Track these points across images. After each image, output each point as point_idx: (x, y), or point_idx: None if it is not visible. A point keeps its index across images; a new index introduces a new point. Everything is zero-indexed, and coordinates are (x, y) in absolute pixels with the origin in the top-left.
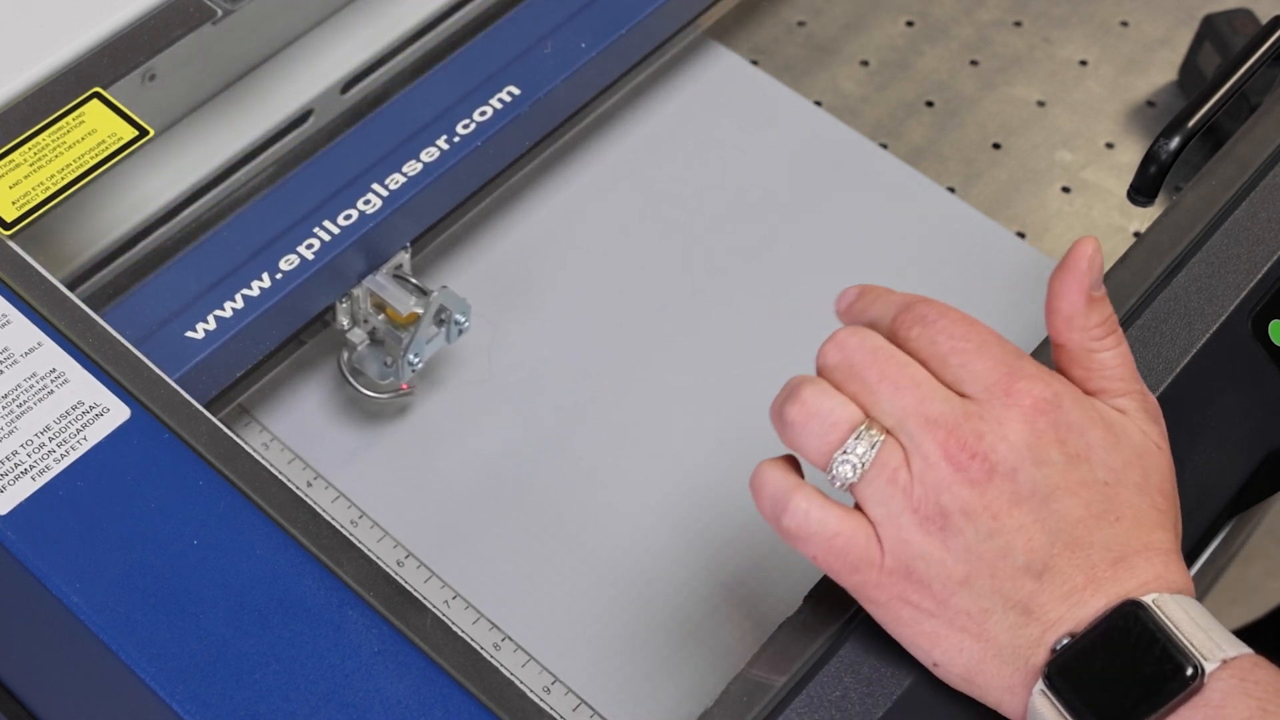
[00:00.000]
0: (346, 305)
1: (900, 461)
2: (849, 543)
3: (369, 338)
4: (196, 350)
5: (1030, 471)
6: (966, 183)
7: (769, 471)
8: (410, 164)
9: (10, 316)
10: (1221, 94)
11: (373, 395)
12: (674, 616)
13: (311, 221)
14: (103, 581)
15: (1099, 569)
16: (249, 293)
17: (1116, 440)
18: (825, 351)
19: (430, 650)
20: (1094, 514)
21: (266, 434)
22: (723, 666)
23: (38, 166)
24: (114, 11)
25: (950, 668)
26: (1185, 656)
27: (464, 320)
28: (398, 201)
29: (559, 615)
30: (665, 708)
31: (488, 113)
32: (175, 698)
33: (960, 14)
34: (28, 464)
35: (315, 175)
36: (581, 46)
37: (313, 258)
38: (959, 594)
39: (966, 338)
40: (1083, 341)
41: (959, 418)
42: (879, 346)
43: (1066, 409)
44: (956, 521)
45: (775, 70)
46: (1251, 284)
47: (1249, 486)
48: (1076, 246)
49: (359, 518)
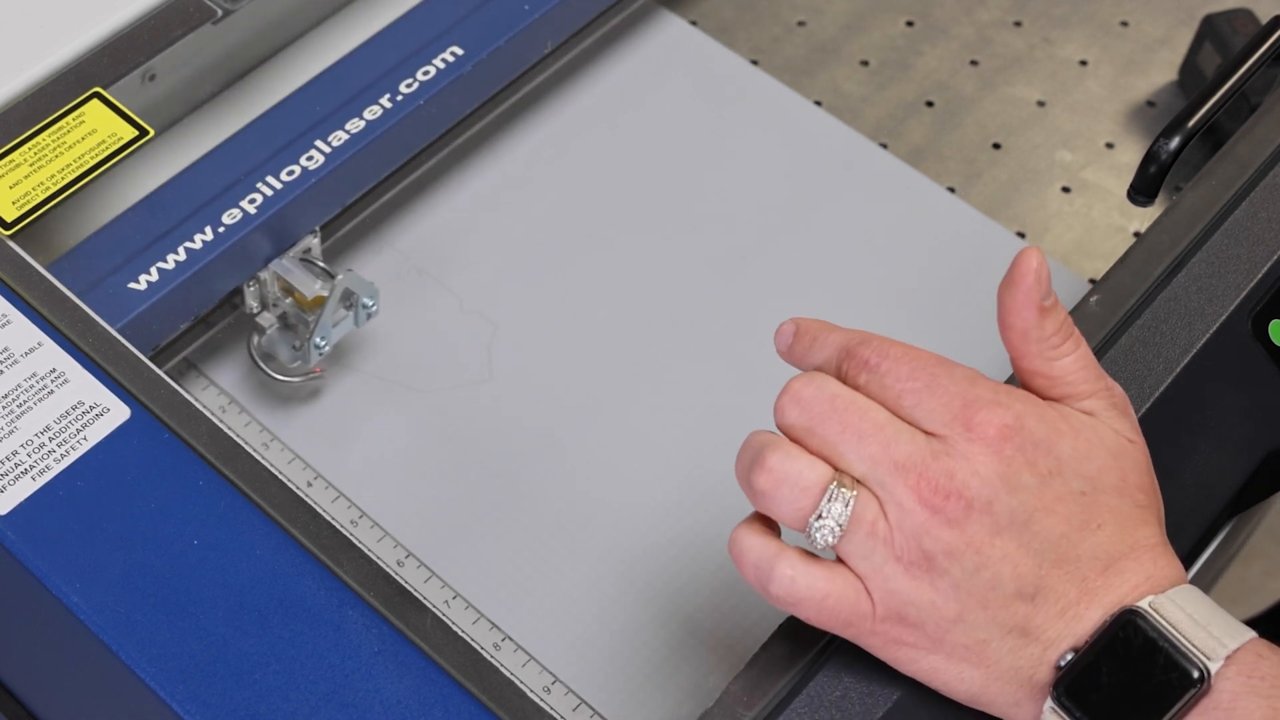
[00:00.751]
0: (255, 288)
1: (876, 513)
2: (839, 602)
3: (279, 322)
4: (138, 301)
5: (1006, 500)
6: (966, 183)
7: (747, 540)
8: (353, 121)
9: (10, 316)
10: (1221, 94)
11: (283, 379)
12: (674, 616)
13: (253, 177)
14: (103, 581)
15: (1090, 580)
16: (191, 245)
17: (1088, 446)
18: (784, 408)
19: (430, 650)
20: (1075, 527)
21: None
22: (723, 667)
23: (38, 166)
24: (114, 11)
25: (954, 694)
26: (1189, 660)
27: (372, 304)
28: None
29: (559, 615)
30: (665, 708)
31: (430, 72)
32: (175, 698)
33: (960, 14)
34: (28, 464)
35: (251, 135)
36: (525, 8)
37: (255, 212)
38: (954, 630)
39: (913, 376)
40: (1041, 352)
41: (927, 458)
42: (836, 394)
43: (1030, 429)
44: (941, 563)
45: (775, 70)
46: (1251, 284)
47: (1249, 486)
48: (1020, 260)
49: (359, 518)
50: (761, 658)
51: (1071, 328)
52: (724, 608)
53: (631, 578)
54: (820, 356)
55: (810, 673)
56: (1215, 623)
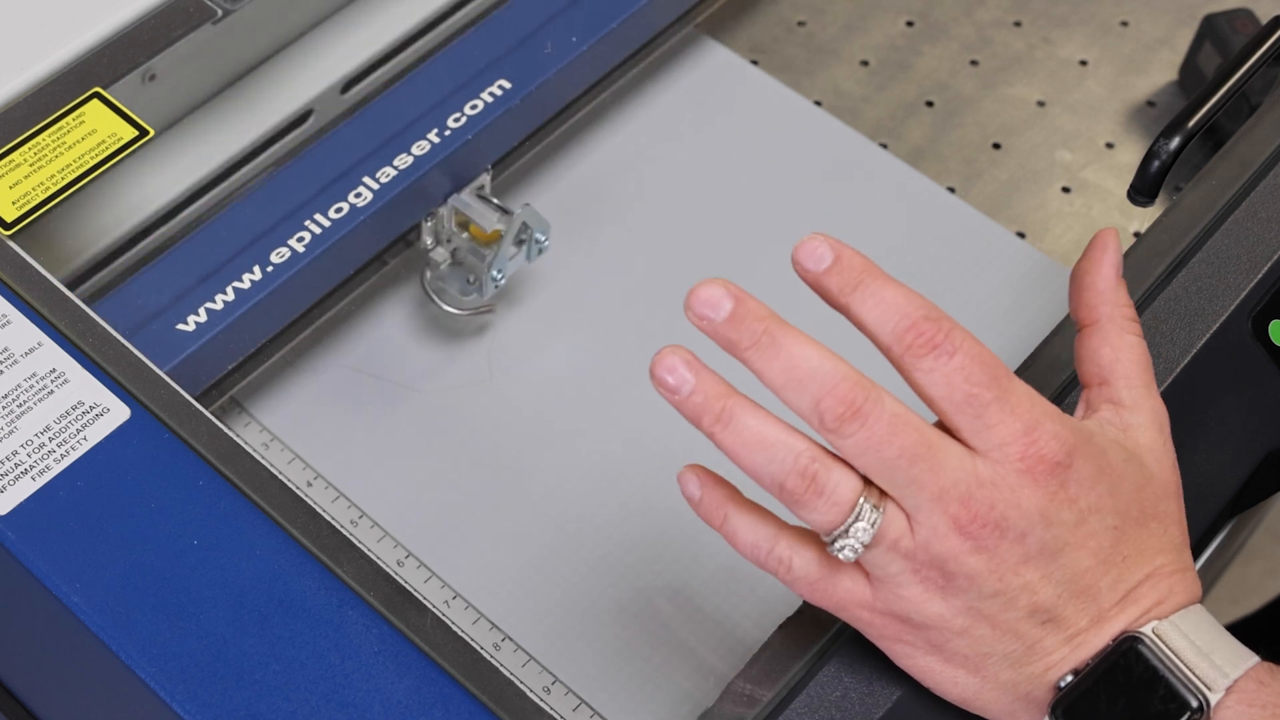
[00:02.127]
0: (431, 224)
1: (903, 529)
2: (832, 586)
3: (451, 257)
4: (188, 342)
5: (1040, 534)
6: (966, 183)
7: (741, 519)
8: (401, 157)
9: (10, 316)
10: (1221, 94)
11: (455, 312)
12: (675, 616)
13: (301, 215)
14: (103, 581)
15: (1105, 610)
16: (240, 285)
17: (1122, 477)
18: (839, 419)
19: (430, 650)
20: (1101, 560)
21: (265, 432)
22: (723, 667)
23: (38, 166)
24: (114, 11)
25: (946, 695)
26: (1189, 689)
27: (544, 239)
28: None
29: (559, 615)
30: (665, 708)
31: (479, 105)
32: (175, 698)
33: (960, 14)
34: (28, 464)
35: (302, 170)
36: (573, 40)
37: (303, 250)
38: (956, 641)
39: (987, 386)
40: (1113, 316)
41: (971, 487)
42: (895, 414)
43: (1078, 466)
44: (960, 584)
45: (775, 70)
46: (1251, 284)
47: (1249, 486)
48: (1101, 234)
49: (359, 518)
50: (761, 658)
51: (1138, 321)
52: (724, 608)
53: (632, 578)
54: (874, 312)
55: (810, 673)
56: (1219, 649)
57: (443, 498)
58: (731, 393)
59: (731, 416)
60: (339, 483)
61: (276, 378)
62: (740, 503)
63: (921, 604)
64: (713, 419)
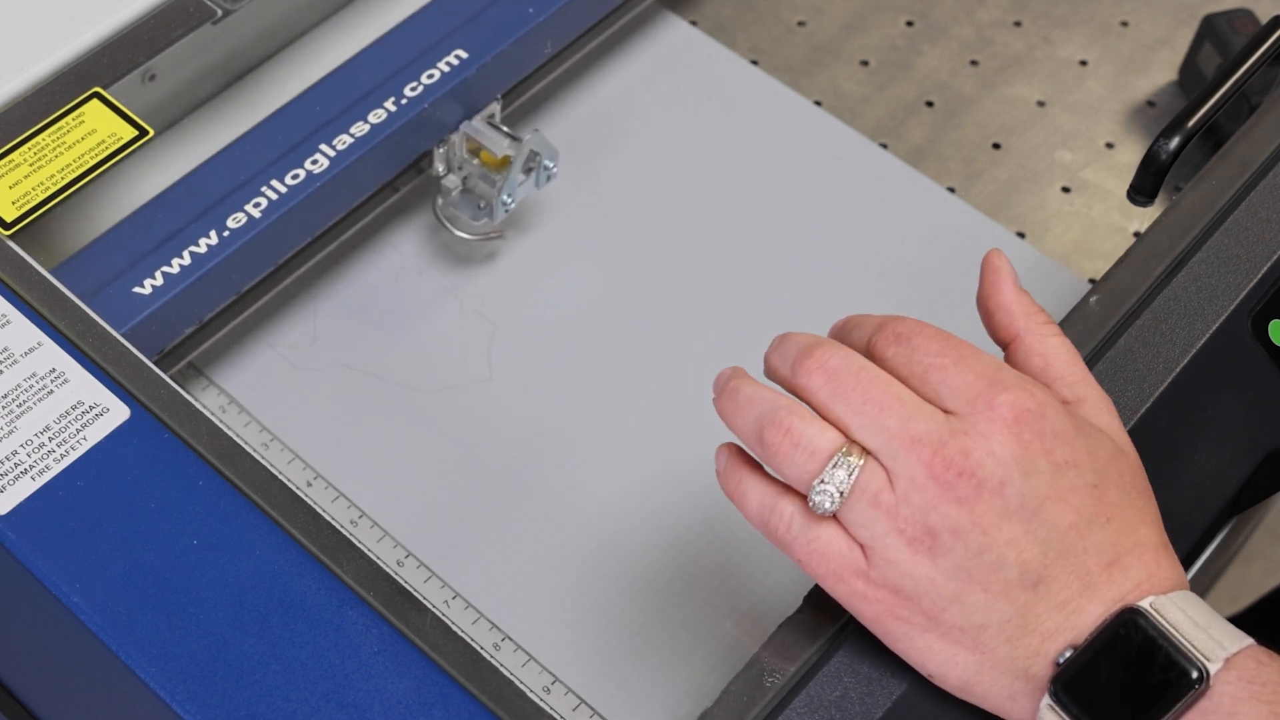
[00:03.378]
0: (443, 150)
1: (882, 483)
2: (829, 547)
3: (461, 185)
4: (144, 305)
5: (1019, 484)
6: (966, 183)
7: (749, 480)
8: (358, 125)
9: (10, 316)
10: (1221, 94)
11: (466, 236)
12: (675, 616)
13: (258, 181)
14: (103, 581)
15: (1093, 574)
16: (196, 249)
17: (1097, 443)
18: (808, 373)
19: (430, 650)
20: (1084, 519)
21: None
22: (723, 666)
23: (38, 166)
24: (114, 11)
25: (946, 679)
26: (1189, 660)
27: (553, 165)
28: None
29: (559, 615)
30: (665, 708)
31: (435, 75)
32: (175, 698)
33: (960, 14)
34: (28, 464)
35: (259, 139)
36: (529, 11)
37: (259, 216)
38: (951, 610)
39: (943, 353)
40: (1030, 327)
41: (944, 435)
42: (863, 366)
43: (1050, 418)
44: (945, 540)
45: (775, 70)
46: (1251, 284)
47: (1249, 486)
48: (988, 256)
49: (359, 518)
50: (761, 657)
51: (1052, 319)
52: (724, 608)
53: (631, 577)
54: (854, 336)
55: (810, 673)
56: (1215, 627)
57: (443, 498)
58: (742, 373)
59: (734, 389)
60: (339, 483)
61: (238, 343)
62: (755, 471)
63: (911, 566)
64: (718, 391)
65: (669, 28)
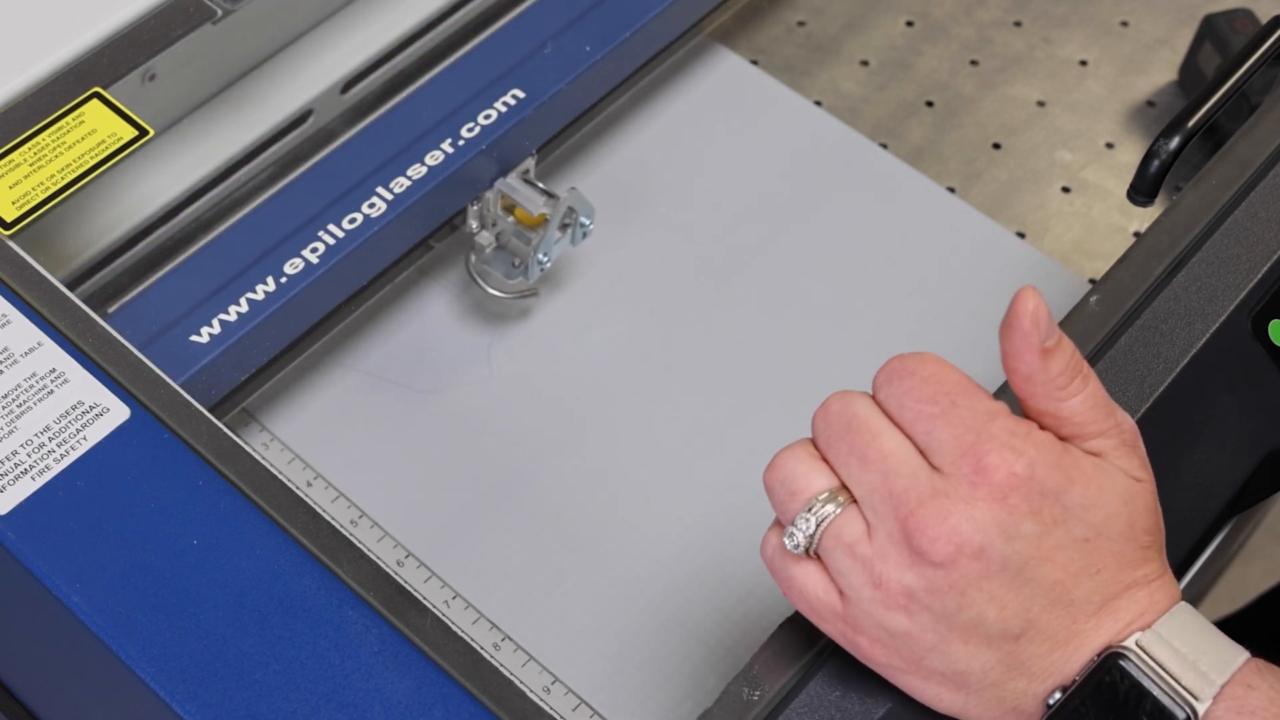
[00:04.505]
0: (477, 207)
1: (860, 534)
2: (806, 584)
3: (495, 241)
4: (201, 354)
5: (1000, 548)
6: (966, 183)
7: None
8: (415, 167)
9: (10, 316)
10: (1221, 94)
11: (499, 295)
12: (674, 617)
13: (314, 225)
14: (103, 581)
15: (1080, 621)
16: (253, 296)
17: (1099, 493)
18: (814, 419)
19: (430, 650)
20: (1072, 574)
21: (265, 432)
22: (723, 666)
23: (38, 166)
24: (114, 11)
25: (938, 710)
26: (1177, 701)
27: (589, 223)
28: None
29: (559, 615)
30: (665, 708)
31: (492, 115)
32: (175, 698)
33: (960, 14)
34: (28, 464)
35: (317, 178)
36: (586, 50)
37: (317, 261)
38: (930, 657)
39: (933, 400)
40: (1048, 394)
41: (923, 495)
42: (855, 415)
43: (1040, 478)
44: (921, 599)
45: (775, 70)
46: (1251, 284)
47: (1249, 486)
48: (1016, 302)
49: (359, 518)
50: (761, 658)
51: (1080, 364)
52: (724, 608)
53: (631, 577)
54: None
55: (810, 673)
56: (1204, 654)
57: (443, 498)
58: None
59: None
60: (339, 483)
61: (291, 386)
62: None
63: (886, 620)
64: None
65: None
